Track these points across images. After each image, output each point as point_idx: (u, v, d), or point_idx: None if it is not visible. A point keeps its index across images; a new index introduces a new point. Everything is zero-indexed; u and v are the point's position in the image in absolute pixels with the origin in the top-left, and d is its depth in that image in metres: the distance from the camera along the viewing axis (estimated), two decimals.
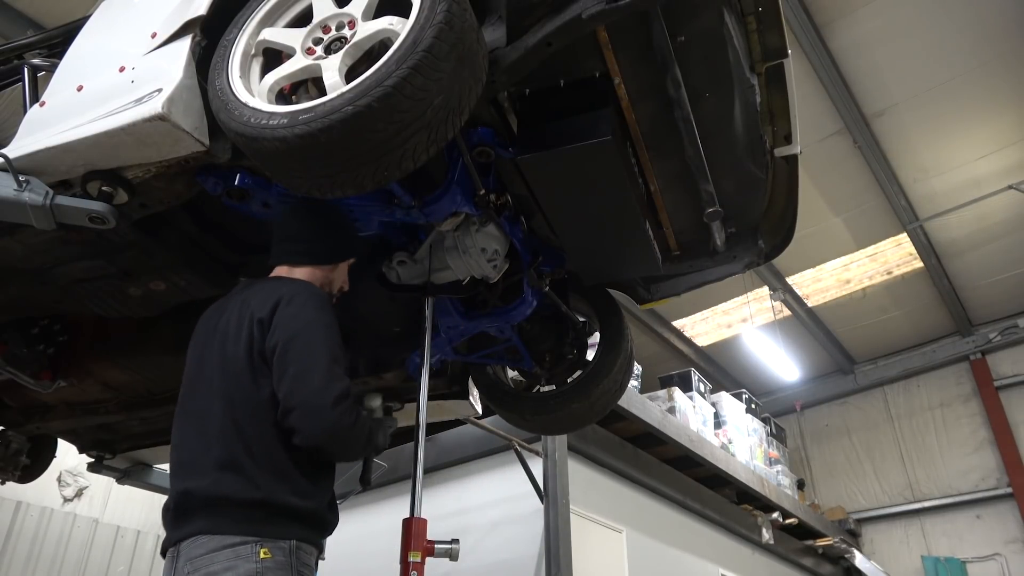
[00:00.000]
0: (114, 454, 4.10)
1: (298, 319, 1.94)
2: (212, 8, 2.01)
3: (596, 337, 3.08)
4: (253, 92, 1.85)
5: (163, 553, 1.92)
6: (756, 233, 2.71)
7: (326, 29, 1.89)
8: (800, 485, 10.08)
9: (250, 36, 1.95)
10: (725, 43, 2.09)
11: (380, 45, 1.79)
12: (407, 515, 2.29)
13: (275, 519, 1.82)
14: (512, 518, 5.10)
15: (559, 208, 2.42)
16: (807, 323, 10.55)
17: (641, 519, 5.93)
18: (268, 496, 1.82)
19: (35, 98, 2.30)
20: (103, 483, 6.17)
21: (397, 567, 2.24)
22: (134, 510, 6.72)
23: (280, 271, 2.19)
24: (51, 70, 2.31)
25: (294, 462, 1.88)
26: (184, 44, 1.98)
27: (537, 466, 4.97)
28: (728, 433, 8.03)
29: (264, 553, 1.76)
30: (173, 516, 1.90)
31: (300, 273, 2.16)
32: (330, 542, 4.67)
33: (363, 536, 5.44)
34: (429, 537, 2.27)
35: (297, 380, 1.85)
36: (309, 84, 1.92)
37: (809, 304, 10.29)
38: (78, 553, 6.20)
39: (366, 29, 1.81)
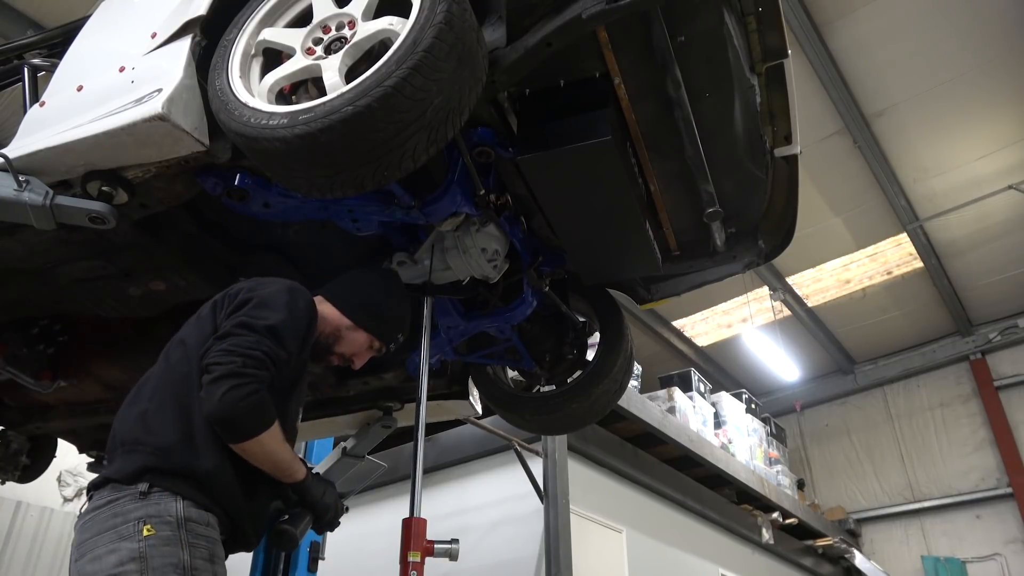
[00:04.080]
0: None
1: None
2: (212, 8, 2.00)
3: (596, 337, 3.08)
4: (253, 92, 1.85)
5: None
6: (756, 233, 2.71)
7: (326, 29, 1.89)
8: (800, 485, 10.08)
9: (250, 36, 1.95)
10: (725, 43, 2.09)
11: (380, 45, 1.79)
12: (407, 515, 2.29)
13: None
14: (512, 518, 5.10)
15: (559, 208, 2.42)
16: (807, 323, 10.55)
17: (641, 519, 5.93)
18: None
19: (35, 98, 2.29)
20: None
21: (397, 567, 2.25)
22: None
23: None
24: (51, 70, 2.31)
25: None
26: (184, 44, 1.98)
27: (537, 466, 4.98)
28: (728, 433, 8.04)
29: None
30: None
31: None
32: (330, 542, 4.69)
33: (363, 536, 5.45)
34: (429, 537, 2.27)
35: None
36: (309, 84, 1.92)
37: (809, 304, 10.30)
38: None
39: (366, 29, 1.81)
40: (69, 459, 5.18)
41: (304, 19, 1.94)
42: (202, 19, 1.99)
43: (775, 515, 8.14)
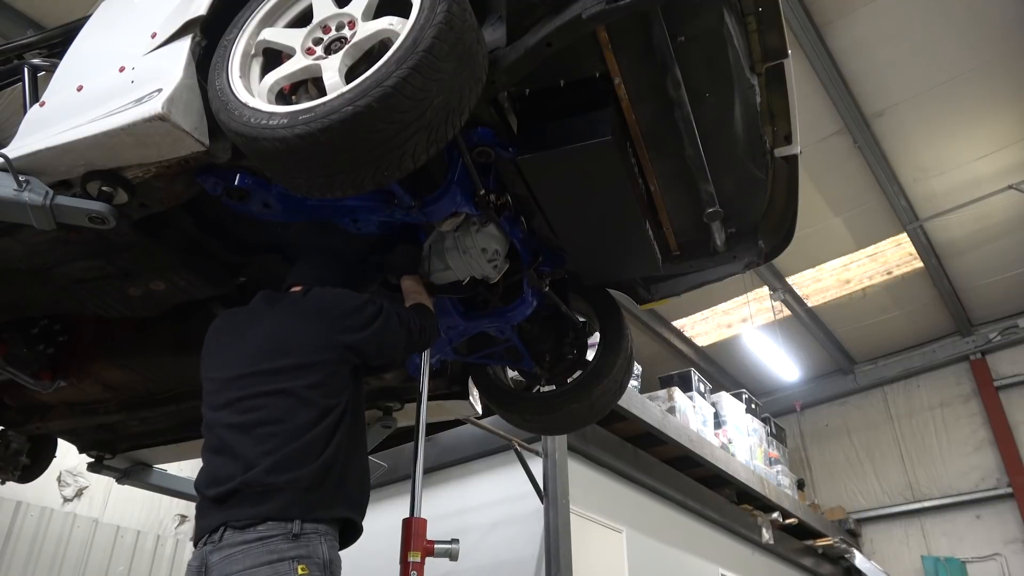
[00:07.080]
0: (114, 454, 4.10)
1: None
2: (212, 8, 2.00)
3: (596, 337, 3.08)
4: (253, 92, 1.85)
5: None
6: (756, 233, 2.71)
7: (326, 29, 1.89)
8: (800, 485, 10.08)
9: (250, 36, 1.95)
10: (725, 43, 2.09)
11: (380, 45, 1.79)
12: (407, 515, 2.30)
13: None
14: (512, 518, 5.10)
15: (559, 208, 2.42)
16: (807, 323, 10.54)
17: (641, 519, 5.93)
18: None
19: (35, 98, 2.29)
20: (103, 483, 6.16)
21: (397, 567, 2.25)
22: (134, 510, 6.71)
23: None
24: (51, 70, 2.31)
25: None
26: (184, 44, 1.98)
27: (537, 466, 4.97)
28: (728, 433, 8.03)
29: None
30: None
31: None
32: None
33: (363, 536, 5.44)
34: (429, 537, 2.28)
35: None
36: (309, 84, 1.92)
37: (809, 304, 10.29)
38: (78, 553, 6.19)
39: (366, 29, 1.81)
40: (69, 459, 5.19)
41: (304, 19, 1.94)
42: (202, 19, 1.99)
43: (775, 515, 8.13)
